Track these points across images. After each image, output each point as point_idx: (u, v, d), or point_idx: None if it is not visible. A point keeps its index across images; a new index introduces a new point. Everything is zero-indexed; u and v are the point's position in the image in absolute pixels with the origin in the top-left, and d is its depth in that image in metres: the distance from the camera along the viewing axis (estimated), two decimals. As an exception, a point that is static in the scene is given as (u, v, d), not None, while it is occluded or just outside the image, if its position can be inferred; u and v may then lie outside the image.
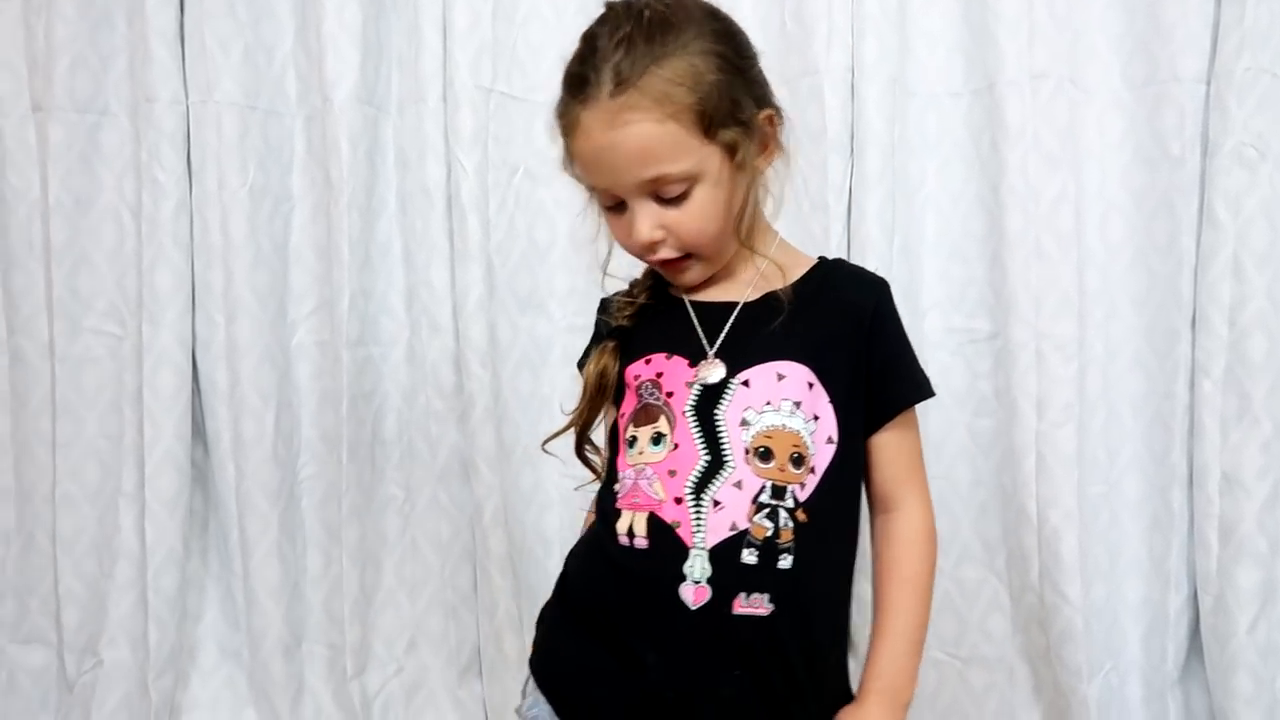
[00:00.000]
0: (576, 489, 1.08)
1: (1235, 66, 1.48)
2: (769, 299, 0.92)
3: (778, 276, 0.93)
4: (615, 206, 0.90)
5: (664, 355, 0.93)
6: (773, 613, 0.86)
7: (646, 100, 0.83)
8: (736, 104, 0.88)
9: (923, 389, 0.96)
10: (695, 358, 0.91)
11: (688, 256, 0.91)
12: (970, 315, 1.59)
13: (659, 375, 0.91)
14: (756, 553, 0.85)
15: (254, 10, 1.66)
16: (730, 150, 0.87)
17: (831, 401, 0.90)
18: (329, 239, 1.66)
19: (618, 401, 0.97)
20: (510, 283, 1.66)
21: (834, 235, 1.55)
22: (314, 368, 1.72)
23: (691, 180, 0.87)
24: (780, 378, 0.89)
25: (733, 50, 0.89)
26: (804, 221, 1.56)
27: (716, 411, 0.88)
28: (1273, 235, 1.49)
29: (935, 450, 1.61)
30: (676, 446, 0.88)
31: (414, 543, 1.74)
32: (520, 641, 1.66)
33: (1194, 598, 1.59)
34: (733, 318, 0.92)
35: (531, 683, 0.97)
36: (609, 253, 1.00)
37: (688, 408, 0.88)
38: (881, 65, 1.53)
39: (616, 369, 0.95)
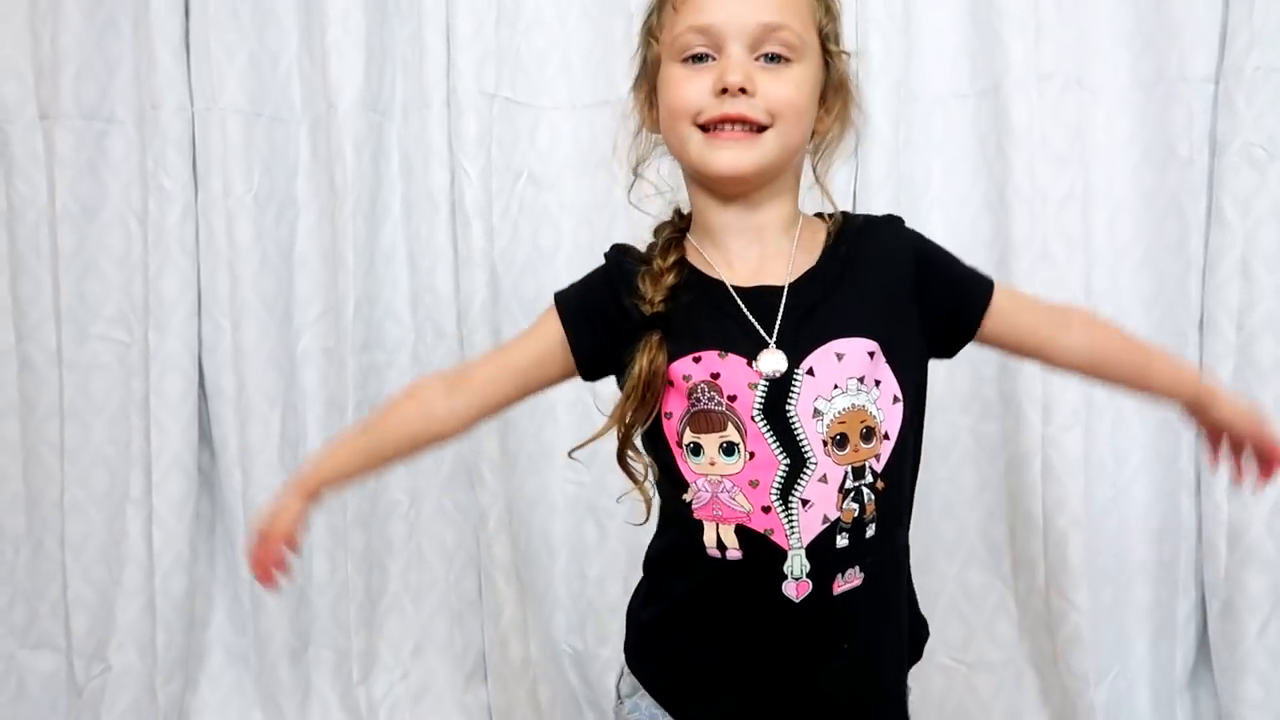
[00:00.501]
0: (619, 499, 1.02)
1: (1244, 65, 1.46)
2: (810, 277, 0.88)
3: (808, 247, 0.90)
4: (698, 59, 0.85)
5: (716, 353, 0.85)
6: (865, 579, 0.87)
7: None
8: (837, 29, 0.90)
9: (987, 285, 0.96)
10: (753, 351, 0.85)
11: (761, 130, 0.85)
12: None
13: (715, 377, 0.85)
14: (848, 535, 0.86)
15: (259, 17, 1.66)
16: (826, 57, 0.88)
17: (890, 362, 0.87)
18: (334, 245, 1.66)
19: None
20: (515, 288, 1.66)
21: (839, 238, 1.54)
22: (320, 373, 1.72)
23: (799, 52, 0.85)
24: (840, 357, 0.85)
25: None
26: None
27: (788, 408, 0.84)
28: (1282, 237, 1.48)
29: (941, 454, 1.60)
30: (753, 455, 0.84)
31: (419, 549, 1.74)
32: (525, 647, 1.66)
33: (1202, 603, 1.58)
34: (783, 302, 0.86)
35: (628, 681, 0.97)
36: (635, 173, 0.97)
37: (755, 412, 0.84)
38: (887, 68, 1.53)
39: (665, 365, 0.86)
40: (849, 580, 0.86)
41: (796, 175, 0.92)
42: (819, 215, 0.95)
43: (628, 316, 0.89)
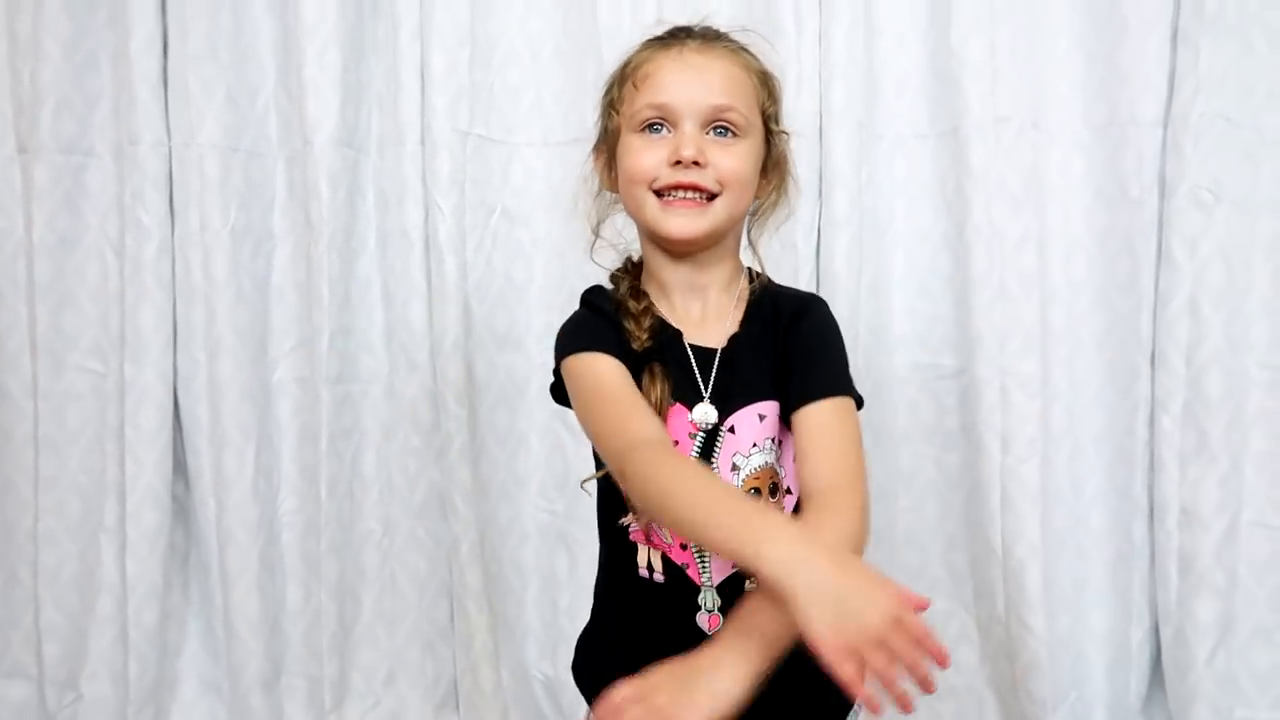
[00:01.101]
0: (583, 483, 1.07)
1: (1190, 111, 1.52)
2: (737, 341, 0.96)
3: (744, 306, 0.98)
4: (653, 128, 0.93)
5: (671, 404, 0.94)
6: None
7: (736, 55, 0.96)
8: (777, 110, 0.98)
9: (844, 386, 0.93)
10: (691, 401, 0.94)
11: (711, 198, 0.92)
12: (936, 352, 1.63)
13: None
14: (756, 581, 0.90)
15: (236, 54, 1.69)
16: (767, 135, 0.97)
17: (784, 421, 0.94)
18: (309, 278, 1.69)
19: None
20: (488, 321, 1.69)
21: (803, 275, 1.59)
22: (294, 404, 1.75)
23: (744, 130, 0.94)
24: (761, 418, 0.94)
25: (775, 82, 1.00)
26: (774, 261, 1.57)
27: (713, 462, 0.93)
28: (1228, 276, 1.53)
29: (904, 484, 1.65)
30: None
31: (392, 577, 1.77)
32: (496, 674, 1.69)
33: (1155, 629, 1.62)
34: (716, 363, 0.95)
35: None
36: (594, 232, 1.05)
37: (690, 457, 0.92)
38: (849, 110, 1.57)
39: (668, 396, 0.93)
40: None
41: (737, 238, 1.01)
42: (753, 283, 1.01)
43: (626, 346, 0.95)
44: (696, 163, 0.91)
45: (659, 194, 0.93)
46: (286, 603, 1.76)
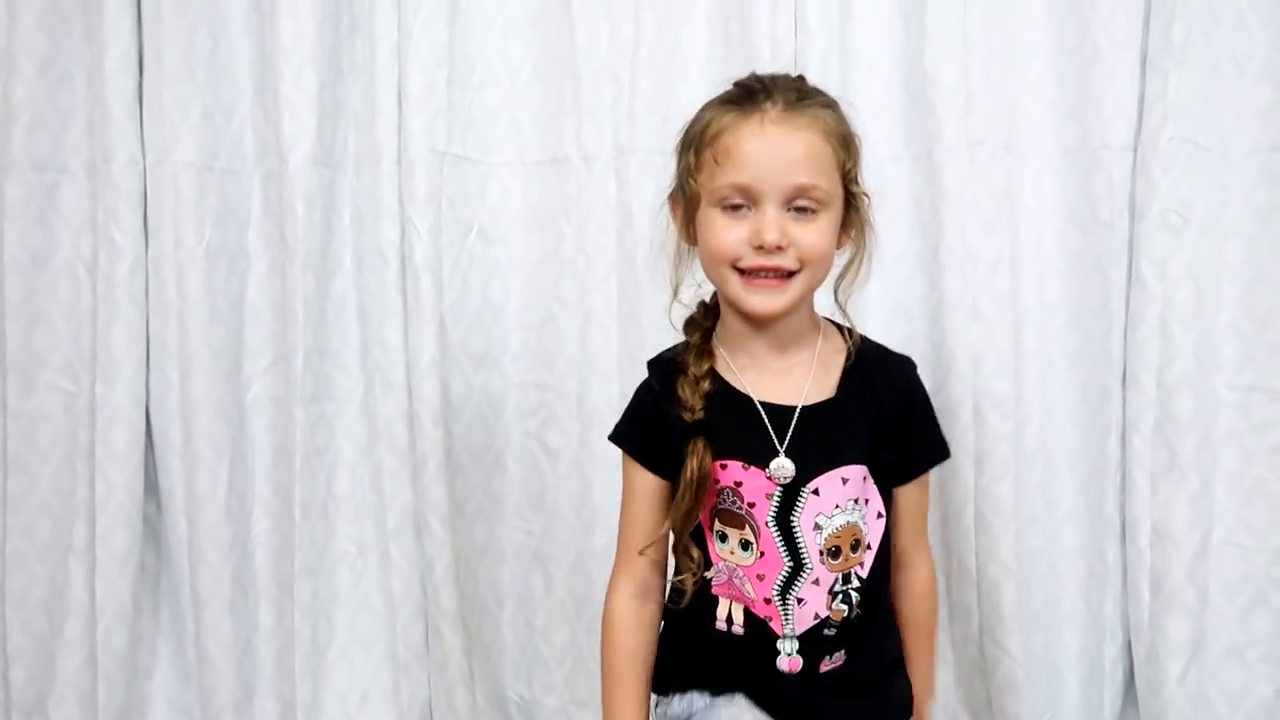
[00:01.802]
0: (671, 583, 1.08)
1: (1159, 136, 1.54)
2: (826, 405, 1.00)
3: (828, 369, 1.01)
4: (735, 207, 0.95)
5: (741, 464, 0.98)
6: (847, 659, 1.02)
7: (816, 120, 0.96)
8: (858, 169, 1.00)
9: (941, 452, 1.08)
10: (767, 459, 0.97)
11: (790, 275, 0.95)
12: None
13: (738, 485, 0.98)
14: (835, 628, 1.00)
15: (213, 72, 1.68)
16: (849, 199, 0.99)
17: (876, 483, 1.02)
18: (284, 297, 1.68)
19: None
20: (464, 341, 1.69)
21: (781, 295, 1.59)
22: (268, 423, 1.73)
23: (825, 204, 0.95)
24: (845, 481, 0.98)
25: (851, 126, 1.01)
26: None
27: (793, 520, 0.97)
28: (1198, 298, 1.55)
29: (880, 504, 1.65)
30: (763, 554, 0.98)
31: (366, 598, 1.75)
32: (471, 696, 1.68)
33: (1128, 648, 1.63)
34: (794, 421, 0.98)
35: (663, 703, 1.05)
36: (675, 291, 1.06)
37: (769, 519, 0.98)
38: (825, 132, 1.59)
39: (709, 465, 0.98)
40: (835, 661, 1.01)
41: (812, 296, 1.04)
42: (838, 327, 1.06)
43: (673, 424, 0.99)
44: (780, 247, 0.93)
45: (741, 270, 0.96)
46: (259, 624, 1.74)
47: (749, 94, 0.97)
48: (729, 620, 1.00)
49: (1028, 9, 1.59)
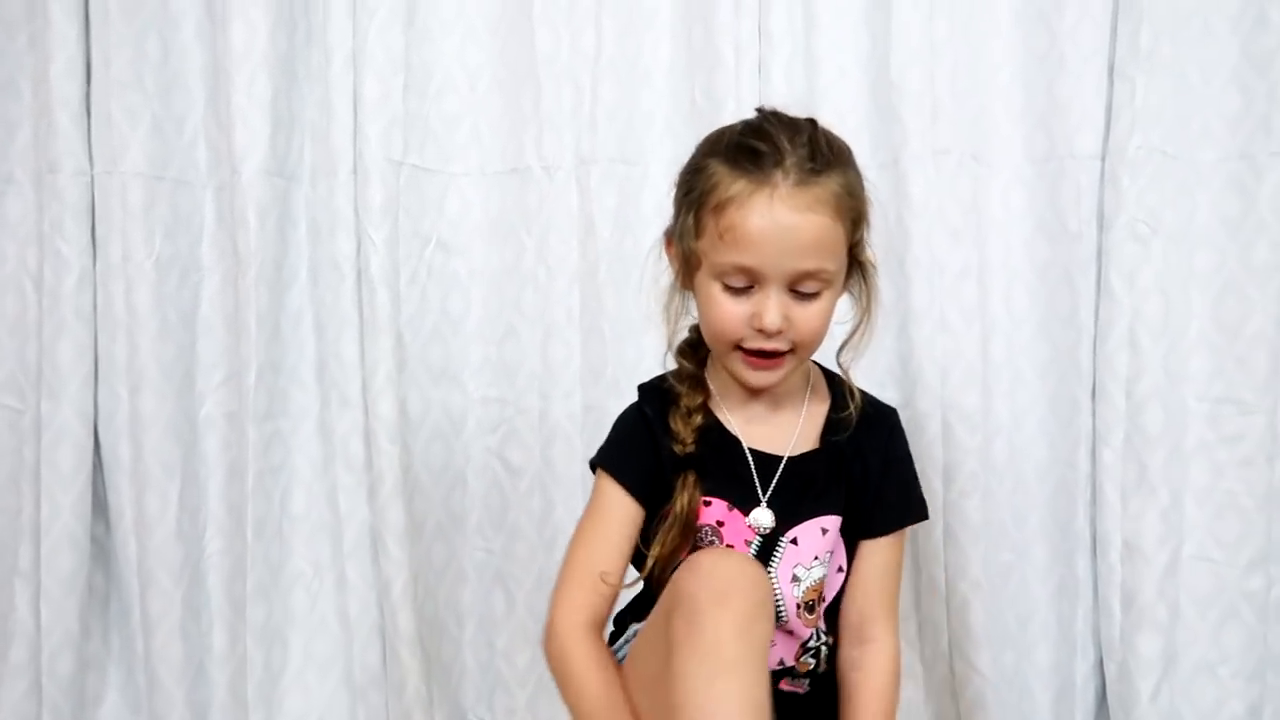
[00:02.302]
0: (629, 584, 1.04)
1: (1127, 145, 1.53)
2: (811, 457, 0.99)
3: (815, 415, 1.01)
4: (741, 289, 0.92)
5: (725, 505, 0.98)
6: (808, 688, 1.02)
7: (830, 197, 0.91)
8: (865, 237, 0.97)
9: (919, 512, 1.04)
10: (748, 506, 0.96)
11: (790, 352, 0.94)
12: (879, 386, 1.60)
13: (719, 524, 0.97)
14: (798, 678, 1.01)
15: (163, 81, 1.64)
16: (857, 268, 0.96)
17: (844, 533, 1.01)
18: (237, 311, 1.64)
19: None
20: (422, 355, 1.66)
21: (745, 308, 1.57)
22: (221, 440, 1.69)
23: (829, 284, 0.93)
24: (824, 532, 0.97)
25: (864, 185, 0.97)
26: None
27: (771, 570, 0.95)
28: (1166, 309, 1.54)
29: (848, 520, 1.63)
30: None
31: (323, 620, 1.71)
32: (430, 721, 1.64)
33: (1100, 664, 1.62)
34: (779, 471, 0.97)
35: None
36: (671, 339, 1.04)
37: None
38: (789, 141, 1.56)
39: (698, 502, 0.97)
40: (795, 685, 1.01)
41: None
42: (824, 372, 1.05)
43: (664, 454, 0.98)
44: (780, 331, 0.91)
45: (740, 347, 0.94)
46: (212, 648, 1.68)
47: (758, 160, 0.91)
48: None
49: (994, 17, 1.58)
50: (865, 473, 0.99)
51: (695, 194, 0.95)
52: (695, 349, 1.04)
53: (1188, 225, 1.55)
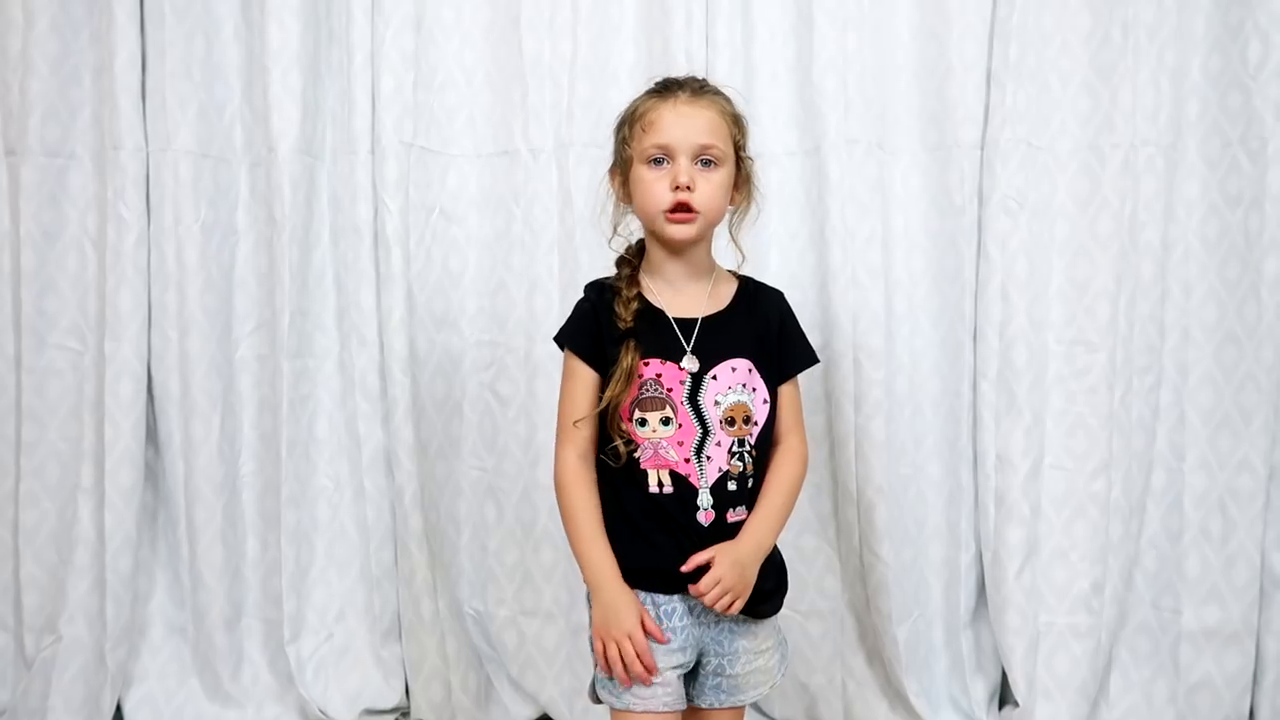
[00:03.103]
0: (605, 451, 1.32)
1: (1000, 137, 1.89)
2: (719, 316, 1.32)
3: (720, 294, 1.34)
4: (658, 161, 1.27)
5: (659, 360, 1.29)
6: (747, 515, 1.31)
7: (715, 104, 1.30)
8: (745, 140, 1.34)
9: (810, 359, 1.40)
10: (679, 357, 1.29)
11: (695, 213, 1.28)
12: (805, 329, 1.93)
13: (659, 376, 1.29)
14: (735, 482, 1.29)
15: (207, 73, 1.95)
16: (738, 162, 1.32)
17: (763, 377, 1.33)
18: (271, 267, 1.95)
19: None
20: (428, 304, 1.97)
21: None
22: (254, 378, 2.00)
23: (721, 160, 1.29)
24: (734, 370, 1.30)
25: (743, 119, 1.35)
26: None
27: (700, 398, 1.28)
28: (1030, 268, 1.91)
29: (779, 442, 1.97)
30: (680, 425, 1.28)
31: (342, 527, 2.02)
32: (435, 604, 1.95)
33: (979, 556, 1.98)
34: (697, 329, 1.30)
35: None
36: (615, 231, 1.39)
37: (684, 399, 1.28)
38: (731, 131, 1.90)
39: (638, 361, 1.30)
40: (739, 514, 1.30)
41: (711, 240, 1.37)
42: (730, 272, 1.39)
43: (608, 330, 1.31)
44: (689, 187, 1.26)
45: (664, 213, 1.28)
46: (246, 553, 2.00)
47: (665, 86, 1.31)
48: (659, 485, 1.29)
49: (895, 32, 1.93)
50: (766, 328, 1.35)
51: (624, 121, 1.34)
52: (631, 259, 1.37)
53: (1048, 202, 1.92)
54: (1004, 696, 2.02)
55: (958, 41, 1.92)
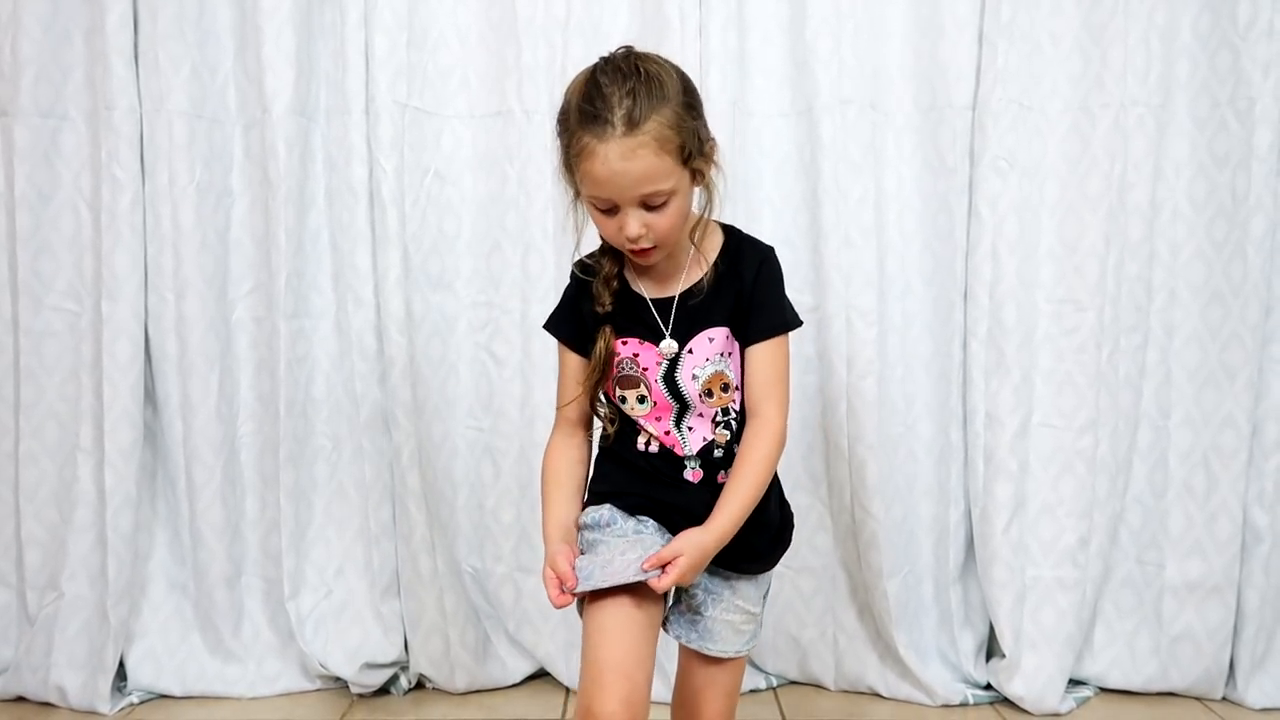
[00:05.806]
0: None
1: (991, 97, 1.91)
2: (695, 289, 1.29)
3: (700, 261, 1.30)
4: (608, 210, 1.22)
5: (638, 340, 1.28)
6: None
7: (651, 141, 1.15)
8: (699, 140, 1.24)
9: (771, 330, 1.30)
10: (656, 339, 1.28)
11: (655, 247, 1.24)
12: (798, 291, 1.97)
13: (635, 355, 1.29)
14: (722, 450, 1.29)
15: (200, 33, 1.94)
16: (695, 173, 1.24)
17: (738, 339, 1.30)
18: (267, 228, 1.95)
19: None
20: (423, 265, 1.98)
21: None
22: (250, 339, 2.01)
23: (671, 195, 1.21)
24: (710, 340, 1.29)
25: (694, 100, 1.25)
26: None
27: (677, 375, 1.28)
28: (1020, 228, 1.93)
29: (771, 401, 2.00)
30: (655, 404, 1.29)
31: (341, 486, 2.05)
32: (433, 561, 1.98)
33: (969, 513, 2.02)
34: (674, 308, 1.29)
35: (583, 515, 1.33)
36: (578, 241, 1.33)
37: (659, 378, 1.28)
38: (724, 90, 1.91)
39: (613, 345, 1.30)
40: (727, 476, 1.29)
41: (697, 223, 1.30)
42: (727, 232, 1.33)
43: (588, 314, 1.31)
44: (640, 236, 1.21)
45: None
46: (245, 512, 2.03)
47: (596, 120, 1.15)
48: (647, 444, 1.31)
49: (889, -8, 1.94)
50: (740, 288, 1.29)
51: (564, 148, 1.25)
52: (609, 249, 1.34)
53: (1038, 162, 1.94)
54: (991, 649, 2.07)
55: (950, 1, 1.93)
